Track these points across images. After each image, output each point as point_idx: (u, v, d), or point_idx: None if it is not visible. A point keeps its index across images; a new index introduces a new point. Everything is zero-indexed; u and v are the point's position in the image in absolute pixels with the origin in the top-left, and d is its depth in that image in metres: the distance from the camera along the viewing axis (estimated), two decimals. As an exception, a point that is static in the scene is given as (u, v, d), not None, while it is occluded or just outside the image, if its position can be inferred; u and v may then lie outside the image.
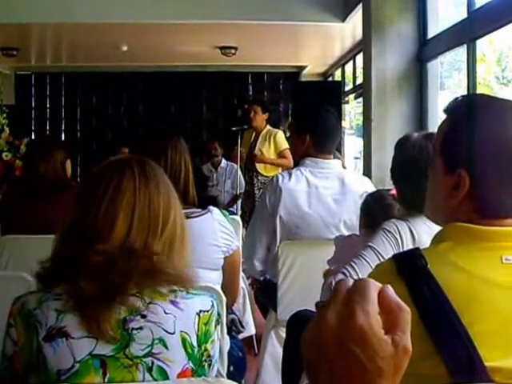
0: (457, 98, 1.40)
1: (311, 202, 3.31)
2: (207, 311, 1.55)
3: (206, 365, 1.55)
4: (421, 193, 1.54)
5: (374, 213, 2.61)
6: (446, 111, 1.39)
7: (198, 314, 1.53)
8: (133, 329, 1.45)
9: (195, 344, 1.51)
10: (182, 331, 1.49)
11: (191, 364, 1.50)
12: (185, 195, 2.44)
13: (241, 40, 7.84)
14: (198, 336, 1.52)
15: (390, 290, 0.66)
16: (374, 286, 0.66)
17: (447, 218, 1.33)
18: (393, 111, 4.98)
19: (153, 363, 1.45)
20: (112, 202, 1.52)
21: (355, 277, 2.18)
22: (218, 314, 1.60)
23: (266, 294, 3.64)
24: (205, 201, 2.63)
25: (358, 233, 2.83)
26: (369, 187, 3.32)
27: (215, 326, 1.57)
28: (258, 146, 6.77)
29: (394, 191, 2.53)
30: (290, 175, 3.35)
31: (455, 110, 1.37)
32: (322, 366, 0.65)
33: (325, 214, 3.31)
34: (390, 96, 4.99)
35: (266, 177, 6.41)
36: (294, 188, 3.32)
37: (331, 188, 3.33)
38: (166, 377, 1.46)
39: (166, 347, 1.46)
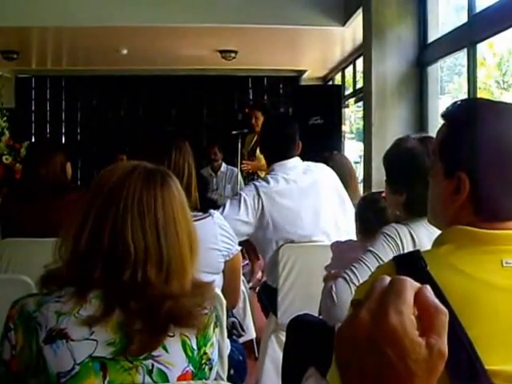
0: (455, 103, 1.40)
1: (294, 196, 3.42)
2: (206, 314, 1.55)
3: (207, 368, 1.54)
4: (422, 197, 1.54)
5: (368, 217, 2.62)
6: (443, 116, 1.39)
7: (197, 317, 1.53)
8: (132, 331, 1.45)
9: (195, 347, 1.51)
10: (181, 334, 1.49)
11: (191, 367, 1.50)
12: (187, 198, 2.43)
13: (241, 44, 7.84)
14: (197, 339, 1.52)
15: (427, 290, 0.65)
16: (411, 286, 0.64)
17: (449, 222, 1.33)
18: (393, 115, 4.98)
19: (153, 366, 1.45)
20: (140, 220, 1.50)
21: (356, 281, 2.18)
22: (217, 318, 1.60)
23: (266, 298, 3.65)
24: (205, 204, 2.63)
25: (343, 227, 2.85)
26: (328, 169, 3.59)
27: (214, 329, 1.57)
28: (258, 150, 6.77)
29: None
30: (266, 180, 3.47)
31: (454, 113, 1.37)
32: (354, 365, 0.64)
33: (310, 202, 3.43)
34: (390, 100, 4.99)
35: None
36: (276, 189, 3.42)
37: (305, 180, 3.48)
38: (166, 380, 1.46)
39: (166, 350, 1.46)
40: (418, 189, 2.18)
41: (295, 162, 3.54)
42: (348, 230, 3.16)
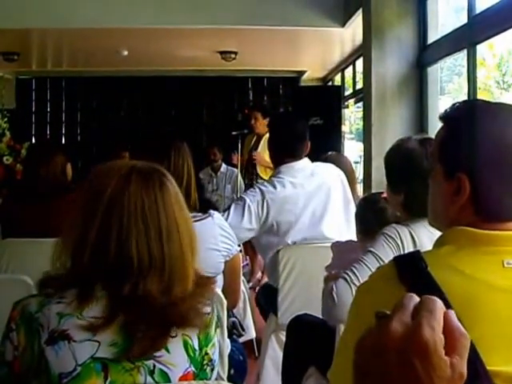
0: (453, 105, 1.40)
1: (300, 201, 3.37)
2: (207, 314, 1.55)
3: (208, 369, 1.54)
4: (420, 197, 1.54)
5: (368, 217, 2.62)
6: (442, 118, 1.38)
7: (199, 317, 1.53)
8: (134, 332, 1.45)
9: (197, 347, 1.51)
10: (183, 334, 1.49)
11: (193, 367, 1.50)
12: (186, 199, 2.43)
13: (241, 45, 7.85)
14: (199, 339, 1.52)
15: (452, 314, 0.67)
16: (440, 306, 0.67)
17: (449, 223, 1.32)
18: (393, 116, 4.98)
19: (154, 366, 1.45)
20: (145, 229, 1.48)
21: (356, 282, 2.19)
22: (218, 318, 1.61)
23: (266, 298, 3.65)
24: (203, 205, 2.63)
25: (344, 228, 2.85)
26: (335, 170, 3.52)
27: (215, 330, 1.57)
28: (259, 150, 6.77)
29: (386, 194, 2.53)
30: (273, 185, 3.38)
31: (452, 115, 1.37)
32: (376, 373, 0.66)
33: (315, 207, 3.38)
34: (390, 101, 5.00)
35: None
36: (283, 195, 3.36)
37: (312, 184, 3.41)
38: (167, 380, 1.46)
39: (168, 350, 1.46)
40: (415, 189, 2.19)
41: (304, 163, 3.46)
42: (351, 232, 3.15)
